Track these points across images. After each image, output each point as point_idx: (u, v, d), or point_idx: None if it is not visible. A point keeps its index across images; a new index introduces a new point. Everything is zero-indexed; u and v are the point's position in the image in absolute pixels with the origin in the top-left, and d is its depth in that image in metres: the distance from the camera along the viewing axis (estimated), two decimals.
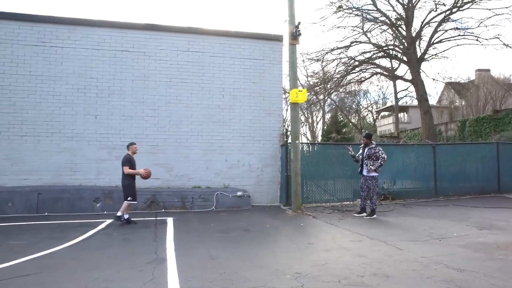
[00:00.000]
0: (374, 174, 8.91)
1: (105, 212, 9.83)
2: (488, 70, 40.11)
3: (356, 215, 9.15)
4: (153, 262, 5.13)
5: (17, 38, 10.46)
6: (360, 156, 9.24)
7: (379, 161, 8.81)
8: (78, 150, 10.58)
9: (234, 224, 8.27)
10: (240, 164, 11.57)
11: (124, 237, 6.88)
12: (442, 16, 22.69)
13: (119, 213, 8.20)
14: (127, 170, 8.10)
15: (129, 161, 8.22)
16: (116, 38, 11.02)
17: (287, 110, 29.77)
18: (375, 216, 8.83)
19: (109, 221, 8.51)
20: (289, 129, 11.02)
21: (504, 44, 21.50)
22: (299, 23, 9.85)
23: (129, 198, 8.12)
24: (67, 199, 9.86)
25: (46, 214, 9.54)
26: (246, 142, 11.67)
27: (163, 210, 10.14)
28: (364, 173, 9.04)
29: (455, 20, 23.17)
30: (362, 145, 9.35)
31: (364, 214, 9.03)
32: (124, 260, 5.25)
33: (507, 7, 20.96)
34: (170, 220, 8.53)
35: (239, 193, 10.86)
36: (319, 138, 44.78)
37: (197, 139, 11.35)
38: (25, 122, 10.35)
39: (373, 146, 9.03)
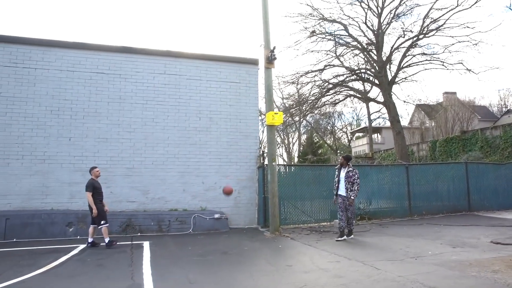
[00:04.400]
0: (353, 196, 8.71)
1: (78, 237, 9.49)
2: (455, 93, 42.05)
3: (339, 239, 8.66)
4: None
5: None
6: (336, 178, 9.06)
7: (355, 186, 8.67)
8: (51, 173, 10.26)
9: (212, 247, 8.15)
10: (217, 186, 11.50)
11: (98, 262, 6.65)
12: (410, 42, 23.80)
13: (90, 239, 8.16)
14: (89, 196, 8.06)
15: (91, 186, 8.17)
16: (92, 60, 10.93)
17: (263, 131, 30.02)
18: (352, 236, 8.85)
19: (82, 246, 8.23)
20: (266, 151, 11.11)
21: (467, 69, 22.70)
22: (274, 48, 10.09)
23: (102, 222, 8.09)
24: (38, 224, 9.47)
25: (14, 240, 9.12)
26: (223, 164, 11.66)
27: (139, 234, 9.89)
28: (343, 193, 8.82)
29: (422, 46, 24.28)
30: (338, 165, 9.23)
31: (345, 237, 8.74)
32: (98, 287, 5.07)
33: (467, 35, 22.20)
34: (146, 244, 8.32)
35: (216, 216, 10.76)
36: (296, 160, 45.17)
37: (174, 161, 11.25)
38: None
39: (351, 169, 8.88)
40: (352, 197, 8.64)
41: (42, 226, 9.50)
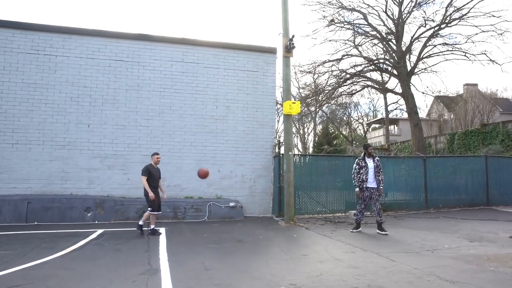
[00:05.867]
0: (382, 185, 8.52)
1: (96, 222, 9.72)
2: (476, 85, 40.95)
3: (354, 230, 8.50)
4: (147, 273, 5.08)
5: (10, 45, 10.42)
6: (363, 169, 8.49)
7: (382, 176, 8.52)
8: (70, 159, 10.48)
9: (227, 235, 8.23)
10: (233, 175, 11.57)
11: (116, 247, 6.80)
12: (431, 31, 23.20)
13: (140, 222, 8.14)
14: (143, 180, 7.91)
15: (147, 171, 7.99)
16: (111, 47, 11.04)
17: (278, 121, 29.95)
18: (387, 232, 8.25)
19: (100, 231, 8.42)
20: (282, 140, 11.08)
21: (490, 60, 22.01)
22: (293, 36, 9.99)
23: (148, 209, 7.95)
24: (58, 208, 9.73)
25: (35, 223, 9.41)
26: (239, 153, 11.70)
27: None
28: (374, 185, 8.41)
29: (444, 36, 23.69)
30: (362, 156, 8.68)
31: (360, 229, 8.53)
32: (116, 271, 5.19)
33: (492, 25, 21.41)
34: (162, 231, 8.44)
35: (231, 204, 10.84)
36: (310, 150, 45.00)
37: (190, 149, 11.34)
38: (16, 130, 10.25)
39: (378, 158, 8.70)
40: (382, 188, 8.46)
41: (62, 210, 9.74)
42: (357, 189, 8.57)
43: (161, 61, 11.40)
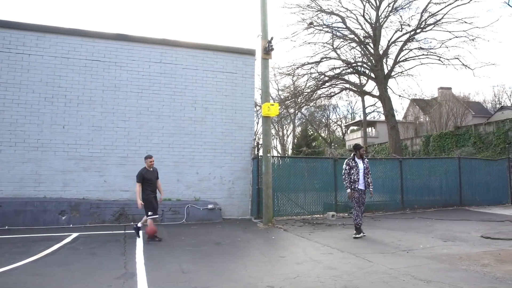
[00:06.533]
0: (371, 188, 8.18)
1: (71, 225, 9.48)
2: (450, 89, 42.15)
3: (357, 236, 7.99)
4: (122, 277, 4.98)
5: None
6: (353, 170, 8.07)
7: (370, 178, 8.18)
8: (44, 161, 10.19)
9: (205, 237, 8.18)
10: (211, 176, 11.51)
11: (91, 251, 6.65)
12: (407, 36, 23.79)
13: (139, 224, 7.88)
14: (137, 187, 7.68)
15: (141, 177, 7.72)
16: (87, 47, 10.81)
17: (257, 123, 30.00)
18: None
19: (75, 234, 8.22)
20: (260, 142, 11.10)
21: (463, 64, 22.76)
22: (271, 38, 10.02)
23: (149, 213, 7.61)
24: (30, 212, 9.43)
25: (6, 227, 9.09)
26: (217, 155, 11.65)
27: (132, 223, 9.88)
28: (363, 187, 8.06)
29: (419, 40, 24.34)
30: (352, 156, 8.27)
31: (362, 233, 8.10)
32: (91, 276, 5.07)
33: (464, 31, 22.16)
34: (140, 233, 8.31)
35: (210, 206, 10.78)
36: (289, 152, 45.24)
37: (168, 151, 11.22)
38: None
39: (367, 160, 8.38)
40: (372, 190, 8.15)
41: (35, 214, 9.46)
42: (348, 190, 8.06)
43: (139, 61, 11.24)
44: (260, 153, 11.07)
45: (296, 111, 38.45)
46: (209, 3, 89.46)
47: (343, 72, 25.45)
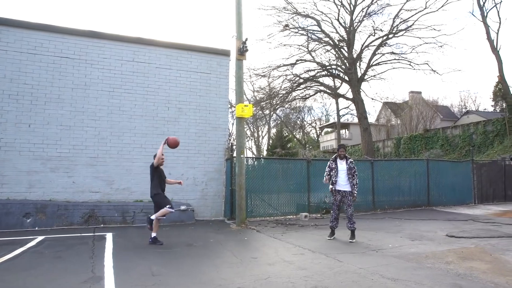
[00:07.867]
0: (356, 190, 7.97)
1: (36, 228, 9.12)
2: (420, 93, 43.49)
3: (331, 238, 8.00)
4: (89, 281, 4.83)
5: None
6: (333, 171, 7.99)
7: (356, 179, 7.95)
8: (7, 161, 9.76)
9: (177, 239, 8.07)
10: (184, 177, 11.34)
11: (56, 255, 6.42)
12: (379, 40, 24.40)
13: (152, 216, 7.44)
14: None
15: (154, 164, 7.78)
16: (55, 43, 10.45)
17: (232, 124, 29.94)
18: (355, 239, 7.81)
19: (41, 237, 7.91)
20: (235, 143, 11.07)
21: (432, 70, 23.60)
22: (246, 39, 10.03)
23: (167, 206, 7.38)
24: None
25: None
26: (190, 156, 11.52)
27: (102, 225, 9.64)
28: (346, 188, 7.89)
29: (392, 45, 25.06)
30: (334, 157, 8.20)
31: (334, 236, 8.04)
32: (55, 281, 4.89)
33: (433, 37, 23.00)
34: (109, 236, 8.12)
35: (182, 207, 10.64)
36: (265, 153, 45.43)
37: (140, 151, 11.00)
38: None
39: (351, 160, 8.12)
40: (356, 192, 7.93)
41: None
42: (330, 186, 8.03)
43: (111, 59, 10.97)
44: (234, 154, 11.04)
45: (271, 113, 38.68)
46: (185, 3, 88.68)
47: (318, 74, 25.81)
